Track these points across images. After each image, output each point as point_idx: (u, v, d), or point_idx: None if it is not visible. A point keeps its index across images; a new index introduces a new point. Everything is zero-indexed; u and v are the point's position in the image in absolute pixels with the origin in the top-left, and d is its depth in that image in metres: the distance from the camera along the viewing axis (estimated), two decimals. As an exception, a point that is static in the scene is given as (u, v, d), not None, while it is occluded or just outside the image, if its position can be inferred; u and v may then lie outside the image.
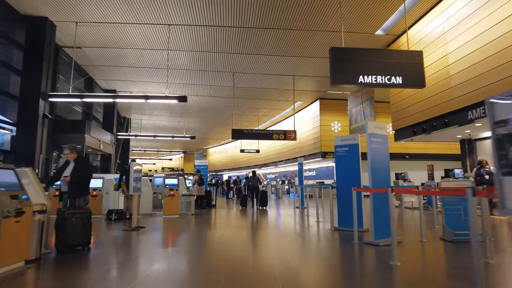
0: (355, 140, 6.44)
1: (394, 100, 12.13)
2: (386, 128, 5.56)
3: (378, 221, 5.00)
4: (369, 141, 5.10)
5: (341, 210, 6.50)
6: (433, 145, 19.07)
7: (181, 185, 9.23)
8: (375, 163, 5.13)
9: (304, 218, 8.56)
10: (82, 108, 14.47)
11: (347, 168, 6.44)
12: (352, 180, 6.32)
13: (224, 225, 7.39)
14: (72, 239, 4.32)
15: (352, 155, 6.42)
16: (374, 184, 5.04)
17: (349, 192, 6.28)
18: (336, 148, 6.68)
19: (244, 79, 14.43)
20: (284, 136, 14.04)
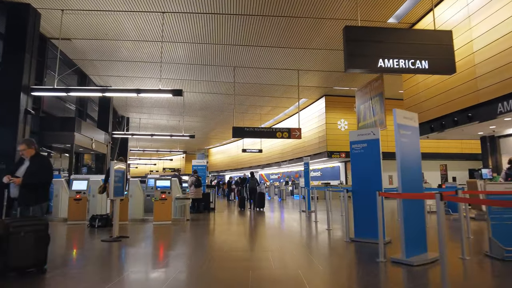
0: (375, 135, 5.38)
1: (408, 94, 11.04)
2: (416, 118, 4.50)
3: (410, 234, 3.94)
4: (397, 133, 4.04)
5: (358, 218, 5.44)
6: (445, 143, 17.91)
7: (174, 187, 8.21)
8: (405, 162, 4.08)
9: (312, 224, 7.50)
10: (75, 105, 13.53)
11: (366, 167, 5.39)
12: (371, 182, 5.27)
13: (222, 233, 6.36)
14: (18, 259, 3.30)
15: (371, 152, 5.37)
16: (404, 187, 3.98)
17: (369, 197, 5.24)
18: (352, 145, 5.63)
19: (245, 74, 13.40)
20: (288, 134, 13.00)
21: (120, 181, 5.80)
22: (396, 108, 4.17)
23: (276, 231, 6.58)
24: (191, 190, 9.94)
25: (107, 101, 15.03)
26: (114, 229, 5.53)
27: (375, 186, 5.21)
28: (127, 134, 16.13)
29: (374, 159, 5.31)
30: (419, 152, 4.40)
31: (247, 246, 5.02)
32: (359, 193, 5.43)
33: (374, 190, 5.21)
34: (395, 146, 4.07)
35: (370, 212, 5.24)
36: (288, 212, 10.63)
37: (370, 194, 5.26)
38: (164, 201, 7.52)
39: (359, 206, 5.42)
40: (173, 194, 8.17)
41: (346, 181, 18.63)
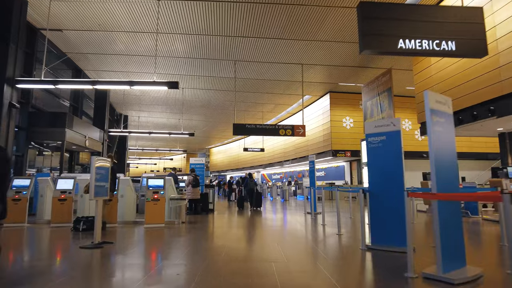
0: (395, 126, 4.61)
1: (420, 88, 10.25)
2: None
3: (448, 243, 3.16)
4: (430, 121, 3.28)
5: (376, 222, 4.66)
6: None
7: (168, 186, 7.47)
8: (440, 156, 3.31)
9: (319, 228, 6.72)
10: (69, 101, 12.85)
11: (385, 164, 4.61)
12: (391, 181, 4.50)
13: (219, 238, 5.60)
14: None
15: (391, 146, 4.59)
16: (440, 186, 3.21)
17: (389, 198, 4.47)
18: (368, 138, 4.85)
19: (246, 68, 12.66)
20: (292, 132, 12.23)
21: (104, 180, 5.06)
22: (428, 90, 3.40)
23: (280, 236, 5.82)
24: (188, 190, 9.19)
25: (103, 97, 14.35)
26: (95, 234, 4.78)
27: (397, 185, 4.44)
28: (124, 131, 15.42)
29: (395, 154, 4.54)
30: (454, 144, 3.62)
31: (247, 255, 4.26)
32: (377, 194, 4.65)
33: (395, 190, 4.46)
34: (427, 137, 3.30)
35: (390, 216, 4.47)
36: (292, 214, 9.86)
37: (391, 195, 4.49)
38: (157, 202, 6.78)
39: (377, 209, 4.64)
40: (168, 194, 7.44)
41: (351, 181, 17.83)
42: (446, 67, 8.95)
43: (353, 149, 15.83)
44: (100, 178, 4.92)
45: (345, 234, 5.83)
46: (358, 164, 17.02)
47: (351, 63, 12.57)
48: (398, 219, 4.38)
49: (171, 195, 7.48)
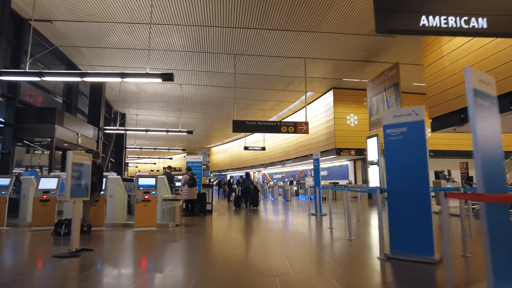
0: (418, 115, 3.93)
1: (432, 81, 9.55)
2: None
3: (499, 256, 2.48)
4: (472, 103, 2.60)
5: (395, 227, 3.99)
6: (459, 140, 16.38)
7: (161, 186, 6.81)
8: (486, 148, 2.63)
9: (326, 232, 6.04)
10: (62, 98, 12.22)
11: (407, 160, 3.94)
12: (415, 180, 3.83)
13: (216, 244, 4.95)
14: None
15: (414, 139, 3.92)
16: (488, 185, 2.53)
17: (412, 199, 3.80)
18: (386, 130, 4.17)
19: (246, 63, 12.00)
20: (295, 129, 11.56)
21: (83, 178, 4.40)
22: (468, 66, 2.72)
23: (284, 241, 5.15)
24: (184, 190, 8.54)
25: (98, 94, 13.71)
26: (72, 240, 4.12)
27: (420, 184, 3.77)
28: (120, 129, 14.77)
29: (418, 147, 3.86)
30: (500, 134, 2.94)
31: (247, 267, 3.59)
32: (398, 194, 3.98)
33: (418, 189, 3.79)
34: (470, 123, 2.62)
35: (413, 219, 3.79)
36: (296, 215, 9.19)
37: (414, 195, 3.82)
38: (148, 203, 6.12)
39: (398, 211, 3.97)
40: (161, 195, 6.78)
41: (355, 180, 17.14)
42: (461, 58, 8.26)
43: (358, 148, 15.14)
44: (78, 176, 4.26)
45: (357, 239, 5.15)
46: (362, 163, 16.32)
47: (356, 57, 11.89)
48: (422, 223, 3.71)
49: (164, 195, 6.82)
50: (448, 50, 8.72)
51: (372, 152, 12.79)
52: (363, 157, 15.73)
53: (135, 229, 6.04)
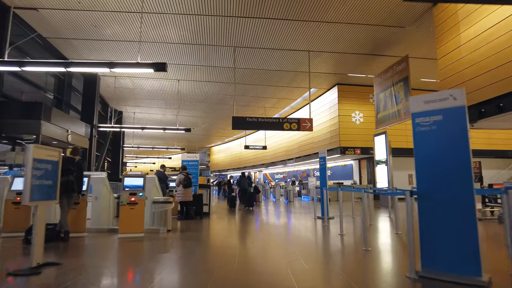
0: (457, 100, 3.15)
1: (446, 73, 8.75)
2: None
3: None
4: None
5: (430, 239, 3.20)
6: (471, 139, 15.55)
7: (151, 187, 6.05)
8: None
9: (337, 239, 5.26)
10: (53, 93, 11.49)
11: (442, 155, 3.16)
12: (455, 179, 3.05)
13: (210, 255, 4.18)
14: None
15: (452, 129, 3.14)
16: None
17: (451, 204, 3.03)
18: (415, 119, 3.39)
19: (247, 56, 11.24)
20: (298, 126, 10.78)
21: (49, 177, 3.64)
22: None
23: (289, 250, 4.39)
24: (178, 191, 7.78)
25: (92, 89, 12.98)
26: (33, 253, 3.37)
27: (462, 185, 3.00)
28: (114, 127, 14.02)
29: (458, 140, 3.09)
30: None
31: (247, 286, 2.83)
32: (432, 198, 3.20)
33: (459, 191, 3.02)
34: None
35: (453, 229, 3.02)
36: (300, 218, 8.42)
37: (453, 200, 3.04)
38: (134, 205, 5.35)
39: (432, 219, 3.18)
40: (151, 196, 6.03)
41: (360, 180, 16.35)
42: (481, 46, 7.47)
43: (363, 146, 14.36)
44: (42, 175, 3.51)
45: (375, 250, 4.37)
46: (368, 162, 15.53)
47: (362, 50, 11.12)
48: (465, 234, 2.94)
49: (154, 197, 6.06)
50: (466, 38, 7.93)
51: (380, 150, 11.99)
52: (369, 156, 14.94)
53: (119, 236, 5.27)
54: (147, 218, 5.98)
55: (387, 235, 5.60)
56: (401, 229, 5.99)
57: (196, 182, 8.62)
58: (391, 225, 6.81)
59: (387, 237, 5.41)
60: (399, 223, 5.94)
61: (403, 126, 14.82)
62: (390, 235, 5.52)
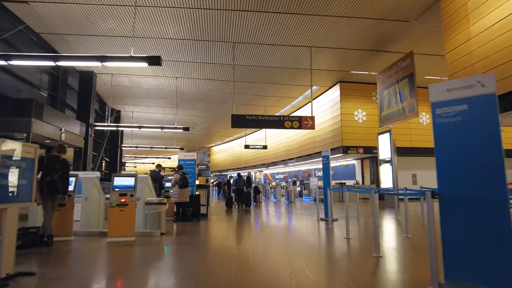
0: (486, 87, 2.72)
1: (455, 68, 8.32)
2: None
3: None
4: None
5: (454, 245, 2.77)
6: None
7: (144, 187, 5.64)
8: None
9: (343, 244, 4.84)
10: (47, 91, 11.10)
11: (469, 150, 2.73)
12: (483, 178, 2.63)
13: (205, 260, 3.76)
14: None
15: (481, 120, 2.71)
16: None
17: (478, 204, 2.60)
18: (436, 109, 2.96)
19: (247, 52, 10.82)
20: (299, 124, 10.35)
21: (22, 176, 3.22)
22: None
23: (292, 256, 3.97)
24: (174, 191, 7.36)
25: (88, 87, 12.58)
26: (2, 262, 2.95)
27: (492, 184, 2.57)
28: (111, 125, 13.60)
29: (488, 133, 2.66)
30: None
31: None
32: (456, 199, 2.77)
33: (489, 191, 2.59)
34: None
35: (482, 235, 2.59)
36: (302, 220, 7.99)
37: (482, 201, 2.61)
38: (124, 207, 4.94)
39: (457, 223, 2.76)
40: (143, 197, 5.61)
41: (362, 180, 15.91)
42: (493, 39, 7.04)
43: (366, 145, 13.93)
44: (9, 174, 3.08)
45: (388, 256, 3.94)
46: (371, 161, 15.10)
47: (366, 46, 10.70)
48: (496, 240, 2.51)
49: (147, 198, 5.65)
50: (476, 31, 7.50)
51: (384, 149, 11.57)
52: (372, 156, 14.52)
53: (108, 240, 4.86)
54: (140, 220, 5.57)
55: (397, 239, 5.17)
56: (411, 232, 5.56)
57: (193, 182, 8.20)
58: (399, 227, 6.38)
59: (398, 241, 4.98)
60: (408, 225, 5.51)
61: (407, 125, 14.40)
62: (400, 239, 5.09)
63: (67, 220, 5.02)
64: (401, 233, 5.62)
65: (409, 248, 4.43)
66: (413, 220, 6.98)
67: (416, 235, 5.44)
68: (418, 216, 7.89)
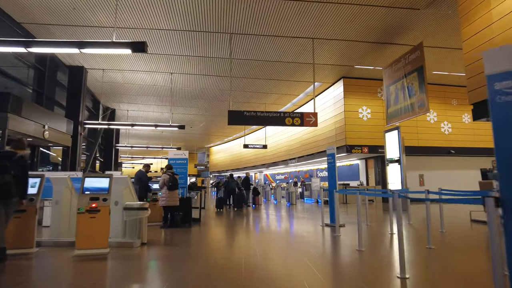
0: None
1: (474, 57, 7.48)
2: None
3: None
4: None
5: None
6: (482, 136, 14.30)
7: (121, 189, 4.82)
8: None
9: (355, 258, 3.99)
10: (32, 87, 10.30)
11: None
12: None
13: (192, 283, 2.92)
14: None
15: None
16: None
17: None
18: (495, 84, 2.13)
19: (245, 44, 10.02)
20: (301, 121, 9.52)
21: None
22: None
23: (297, 273, 3.13)
24: (162, 194, 6.53)
25: (78, 84, 11.79)
26: None
27: None
28: (102, 123, 12.79)
29: None
30: None
31: None
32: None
33: None
34: None
35: None
36: (304, 224, 7.15)
37: None
38: (95, 213, 4.12)
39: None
40: (122, 201, 4.79)
41: (367, 181, 15.06)
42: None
43: (372, 144, 13.09)
44: None
45: (416, 278, 3.10)
46: (376, 161, 14.25)
47: (371, 38, 9.88)
48: None
49: (126, 202, 4.83)
50: (499, 14, 6.67)
51: (391, 148, 10.74)
52: (377, 155, 13.68)
53: (76, 253, 4.03)
54: (117, 228, 4.75)
55: (419, 251, 4.33)
56: (434, 242, 4.73)
57: (184, 183, 7.38)
58: (417, 235, 5.54)
59: (420, 254, 4.14)
60: (430, 233, 4.67)
61: (413, 123, 13.57)
62: (423, 252, 4.26)
63: (27, 229, 4.19)
64: (421, 243, 4.78)
65: (438, 265, 3.59)
66: (429, 226, 6.15)
67: (440, 245, 4.60)
68: (433, 222, 7.06)
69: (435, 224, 6.59)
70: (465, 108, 14.59)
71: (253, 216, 9.39)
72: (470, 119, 14.58)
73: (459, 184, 12.22)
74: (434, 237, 5.15)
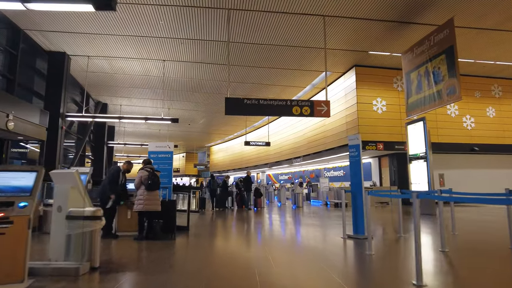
0: None
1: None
2: None
3: None
4: None
5: None
6: None
7: (67, 190, 3.29)
8: None
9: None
10: (3, 72, 8.84)
11: None
12: None
13: None
14: None
15: None
16: None
17: None
18: None
19: (245, 24, 8.50)
20: (311, 111, 7.94)
21: None
22: None
23: None
24: (139, 195, 4.99)
25: (59, 72, 10.33)
26: None
27: None
28: (85, 116, 11.29)
29: None
30: None
31: None
32: None
33: None
34: None
35: None
36: (319, 236, 5.58)
37: None
38: (5, 227, 2.59)
39: None
40: (66, 207, 3.27)
41: (380, 181, 13.45)
42: None
43: (387, 140, 11.51)
44: None
45: None
46: (391, 159, 12.66)
47: (389, 15, 8.33)
48: None
49: (70, 208, 3.29)
50: None
51: (415, 143, 9.16)
52: (394, 152, 12.08)
53: (-28, 290, 2.50)
54: (58, 245, 3.22)
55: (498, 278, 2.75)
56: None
57: (169, 183, 5.83)
58: (470, 249, 3.95)
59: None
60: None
61: (433, 117, 11.92)
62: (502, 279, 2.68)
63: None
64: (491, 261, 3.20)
65: None
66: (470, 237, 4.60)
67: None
68: (479, 232, 5.49)
69: (488, 237, 4.99)
70: (489, 101, 12.97)
71: (255, 222, 7.84)
72: (495, 112, 12.95)
73: (483, 185, 10.62)
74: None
